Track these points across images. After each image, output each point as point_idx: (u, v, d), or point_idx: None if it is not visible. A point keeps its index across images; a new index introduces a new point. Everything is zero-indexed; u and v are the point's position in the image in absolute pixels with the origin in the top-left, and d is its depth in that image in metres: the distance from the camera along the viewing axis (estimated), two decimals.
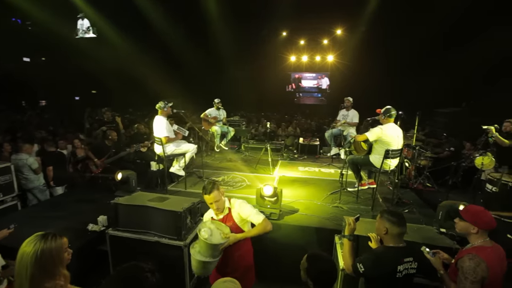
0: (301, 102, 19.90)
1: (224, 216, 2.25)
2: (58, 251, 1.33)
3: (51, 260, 1.30)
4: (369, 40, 13.36)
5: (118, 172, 3.75)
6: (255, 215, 2.23)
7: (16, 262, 1.30)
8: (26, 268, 1.26)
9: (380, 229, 1.95)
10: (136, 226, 2.94)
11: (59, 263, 1.33)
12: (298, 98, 19.91)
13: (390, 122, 3.42)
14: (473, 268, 1.64)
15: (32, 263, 1.26)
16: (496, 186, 3.35)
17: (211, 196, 2.14)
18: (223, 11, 10.91)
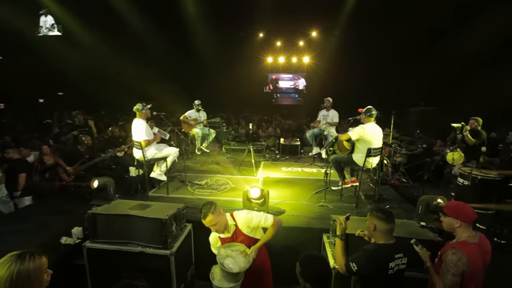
0: (279, 102, 20.15)
1: (233, 233, 2.20)
2: (37, 272, 1.17)
3: (29, 283, 1.14)
4: (343, 41, 13.84)
5: (94, 180, 3.51)
6: (264, 220, 2.21)
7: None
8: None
9: (369, 226, 2.00)
10: (117, 237, 2.77)
11: (38, 287, 1.18)
12: (276, 98, 20.13)
13: (371, 121, 3.54)
14: (454, 262, 1.73)
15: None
16: (467, 180, 3.60)
17: (206, 221, 2.09)
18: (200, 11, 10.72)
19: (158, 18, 10.16)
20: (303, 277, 1.71)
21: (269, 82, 19.70)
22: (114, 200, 3.57)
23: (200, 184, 4.49)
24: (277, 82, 19.91)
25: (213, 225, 2.10)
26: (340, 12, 12.28)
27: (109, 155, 4.78)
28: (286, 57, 17.40)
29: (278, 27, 15.43)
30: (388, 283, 1.88)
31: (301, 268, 1.72)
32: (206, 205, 2.14)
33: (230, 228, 2.19)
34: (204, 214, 2.07)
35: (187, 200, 3.89)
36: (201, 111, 6.01)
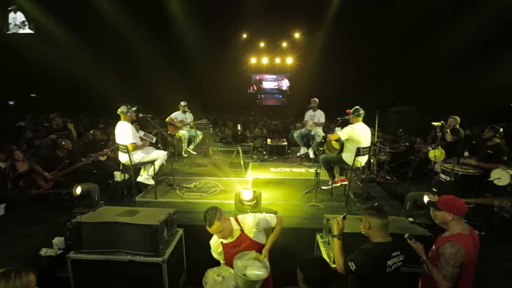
0: (263, 103, 20.23)
1: (237, 238, 2.14)
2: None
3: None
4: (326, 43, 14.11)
5: (77, 186, 3.32)
6: (270, 220, 2.22)
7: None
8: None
9: (365, 225, 2.02)
10: (104, 246, 2.63)
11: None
12: (260, 99, 20.19)
13: (359, 121, 3.61)
14: (454, 254, 1.78)
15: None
16: (449, 176, 3.77)
17: (213, 228, 2.01)
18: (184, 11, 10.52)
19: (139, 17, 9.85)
20: (307, 282, 1.68)
21: (253, 83, 19.75)
22: (99, 207, 3.39)
23: (189, 187, 4.38)
24: (261, 82, 19.99)
25: (219, 232, 2.03)
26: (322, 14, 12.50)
27: (91, 160, 4.56)
28: (269, 58, 17.51)
29: (261, 28, 15.52)
30: (386, 281, 1.91)
31: (304, 274, 1.68)
32: (210, 211, 2.05)
33: (234, 233, 2.14)
34: (210, 222, 1.99)
35: (176, 204, 3.78)
36: (187, 113, 5.88)
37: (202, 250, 3.18)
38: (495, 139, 3.70)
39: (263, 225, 2.19)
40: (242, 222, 2.20)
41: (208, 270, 2.16)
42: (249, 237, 2.15)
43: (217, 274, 2.11)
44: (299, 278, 1.70)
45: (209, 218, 2.00)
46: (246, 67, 18.11)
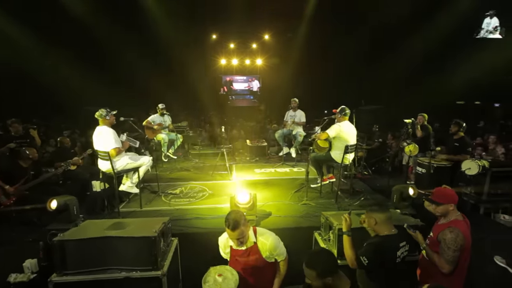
0: (235, 104, 20.14)
1: (248, 248, 2.06)
2: None
3: None
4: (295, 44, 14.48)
5: (52, 199, 2.96)
6: (281, 253, 2.17)
7: None
8: None
9: (371, 222, 2.09)
10: (93, 265, 2.38)
11: None
12: (231, 100, 20.08)
13: (345, 120, 3.76)
14: (454, 239, 1.93)
15: None
16: (424, 168, 4.09)
17: (235, 233, 1.91)
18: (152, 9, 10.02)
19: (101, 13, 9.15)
20: (321, 276, 1.67)
21: (224, 84, 19.58)
22: (78, 221, 3.07)
23: (175, 194, 4.17)
24: (231, 84, 19.91)
25: (239, 238, 1.94)
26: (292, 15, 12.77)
27: (61, 170, 4.11)
28: (239, 59, 17.49)
29: (231, 29, 15.46)
30: (396, 271, 2.00)
31: (316, 270, 1.67)
32: (236, 214, 1.97)
33: (248, 243, 2.06)
34: (235, 225, 1.89)
35: (164, 212, 3.58)
36: (165, 115, 5.60)
37: (197, 258, 3.06)
38: (459, 133, 4.11)
39: (277, 254, 2.15)
40: (261, 235, 2.13)
41: (211, 268, 2.08)
42: (260, 253, 2.10)
43: (218, 274, 2.02)
44: (310, 276, 1.68)
45: (234, 222, 1.90)
46: (216, 68, 17.92)
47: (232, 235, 1.94)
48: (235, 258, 2.19)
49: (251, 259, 2.10)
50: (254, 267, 2.14)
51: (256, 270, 2.16)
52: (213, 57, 17.11)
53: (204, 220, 3.37)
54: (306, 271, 1.67)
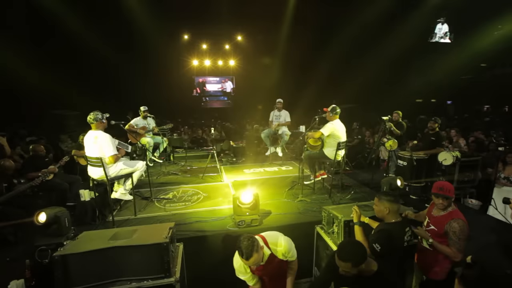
0: (209, 106, 19.88)
1: (266, 261, 2.05)
2: None
3: None
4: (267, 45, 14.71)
5: (40, 213, 2.70)
6: (294, 254, 2.19)
7: None
8: None
9: (382, 210, 2.24)
10: (100, 278, 2.24)
11: None
12: (205, 102, 19.78)
13: (336, 118, 3.95)
14: (462, 230, 2.10)
15: None
16: (405, 161, 4.46)
17: (250, 261, 1.86)
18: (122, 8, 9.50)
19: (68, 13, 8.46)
20: (357, 264, 1.72)
21: (196, 86, 19.22)
22: (69, 234, 2.84)
23: (168, 198, 4.03)
24: (204, 85, 19.62)
25: (256, 263, 1.90)
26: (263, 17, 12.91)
27: (39, 181, 3.75)
28: (212, 60, 17.31)
29: (203, 30, 15.25)
30: (404, 255, 2.18)
31: (353, 261, 1.72)
32: (247, 242, 1.87)
33: (264, 257, 2.03)
34: (248, 255, 1.82)
35: (161, 218, 3.45)
36: (148, 118, 5.38)
37: (201, 263, 3.02)
38: (436, 128, 4.54)
39: (290, 256, 2.17)
40: (274, 244, 2.12)
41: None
42: (278, 257, 2.12)
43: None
44: (346, 267, 1.75)
45: (247, 251, 1.83)
46: (188, 70, 17.54)
47: (248, 263, 1.90)
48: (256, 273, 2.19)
49: (270, 267, 2.11)
50: (277, 273, 2.19)
51: (279, 274, 2.22)
52: (185, 58, 16.74)
53: (206, 223, 3.31)
54: (341, 263, 1.73)
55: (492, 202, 3.97)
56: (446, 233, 2.16)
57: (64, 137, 6.53)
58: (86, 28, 8.91)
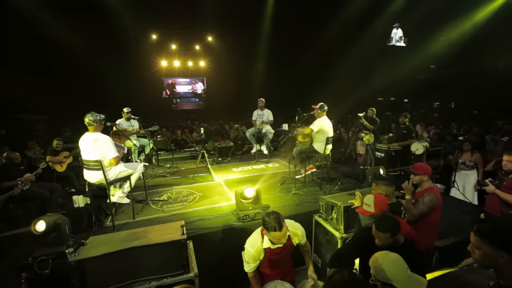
0: (179, 108, 19.44)
1: (285, 244, 2.12)
2: None
3: None
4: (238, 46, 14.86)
5: (37, 221, 2.54)
6: (304, 235, 2.31)
7: None
8: None
9: (379, 193, 2.55)
10: (118, 281, 2.21)
11: None
12: (176, 104, 19.29)
13: (324, 115, 4.25)
14: (430, 200, 2.53)
15: None
16: (382, 153, 4.93)
17: (283, 232, 1.94)
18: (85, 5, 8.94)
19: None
20: (394, 234, 1.86)
21: (166, 87, 18.68)
22: (69, 242, 2.70)
23: (164, 200, 3.98)
24: (174, 86, 19.14)
25: (283, 237, 1.98)
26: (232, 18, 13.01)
27: (19, 190, 3.47)
28: (182, 60, 16.95)
29: (171, 30, 14.88)
30: None
31: (390, 231, 1.85)
32: (276, 215, 1.97)
33: (286, 237, 2.08)
34: (280, 225, 1.92)
35: (162, 219, 3.42)
36: (132, 120, 5.20)
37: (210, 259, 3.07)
38: (406, 122, 5.11)
39: (302, 237, 2.30)
40: (293, 228, 2.23)
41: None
42: (292, 242, 2.22)
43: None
44: (384, 238, 1.89)
45: (279, 221, 1.93)
46: (157, 70, 16.97)
47: (281, 234, 1.95)
48: (272, 257, 2.19)
49: (285, 252, 2.20)
50: (286, 257, 2.28)
51: (287, 258, 2.32)
52: (154, 59, 16.18)
53: (209, 220, 3.36)
54: (380, 234, 1.86)
55: (455, 184, 4.59)
56: (417, 201, 2.59)
57: (31, 144, 5.99)
58: (49, 24, 8.23)
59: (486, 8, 10.11)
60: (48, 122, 6.99)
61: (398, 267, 1.33)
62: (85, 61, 10.39)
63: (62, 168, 5.08)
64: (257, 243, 2.15)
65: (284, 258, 2.30)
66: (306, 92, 13.72)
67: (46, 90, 8.12)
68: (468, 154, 4.60)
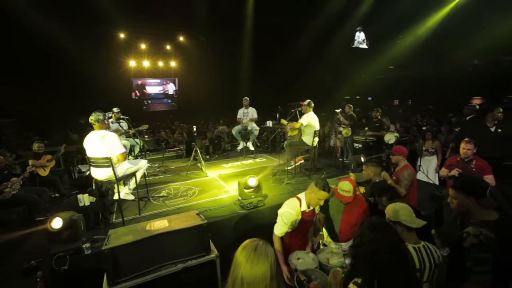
0: (151, 109, 18.85)
1: (312, 209, 2.51)
2: None
3: None
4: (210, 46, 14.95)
5: (53, 218, 2.56)
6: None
7: None
8: None
9: (369, 173, 3.02)
10: (146, 266, 2.35)
11: None
12: (147, 105, 18.68)
13: (311, 110, 4.67)
14: (409, 174, 3.06)
15: None
16: (360, 144, 5.52)
17: (326, 193, 2.31)
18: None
19: None
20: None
21: (135, 88, 18.00)
22: (83, 238, 2.75)
23: (164, 196, 4.08)
24: (144, 87, 18.53)
25: (324, 199, 2.37)
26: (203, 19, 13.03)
27: (10, 195, 3.35)
28: (152, 61, 16.53)
29: (140, 29, 14.46)
30: None
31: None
32: (324, 180, 2.38)
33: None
34: (328, 187, 2.32)
35: (168, 213, 3.54)
36: (121, 119, 5.14)
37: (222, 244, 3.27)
38: (378, 116, 5.76)
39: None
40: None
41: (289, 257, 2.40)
42: (315, 211, 2.60)
43: (297, 258, 2.38)
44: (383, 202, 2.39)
45: (328, 184, 2.34)
46: (125, 71, 16.33)
47: (325, 195, 2.32)
48: (305, 219, 2.52)
49: (313, 215, 2.59)
50: (310, 224, 2.64)
51: (310, 225, 2.67)
52: (122, 59, 15.54)
53: (215, 210, 3.57)
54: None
55: (420, 168, 5.32)
56: (399, 179, 3.09)
57: (1, 151, 5.58)
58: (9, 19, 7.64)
59: (436, 15, 11.52)
60: (18, 125, 6.52)
61: (407, 211, 1.74)
62: (52, 61, 9.76)
63: (45, 172, 4.88)
64: (296, 205, 2.48)
65: (309, 224, 2.63)
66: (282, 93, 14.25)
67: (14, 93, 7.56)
68: (430, 142, 5.35)
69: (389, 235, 1.26)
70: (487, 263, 1.38)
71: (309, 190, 2.42)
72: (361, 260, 1.29)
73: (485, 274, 1.37)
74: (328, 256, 2.35)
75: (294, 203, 2.49)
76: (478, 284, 1.37)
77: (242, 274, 1.21)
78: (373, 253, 1.21)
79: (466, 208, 1.67)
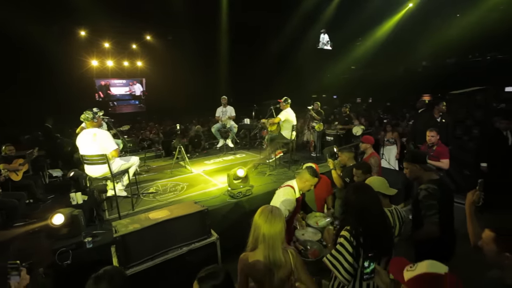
0: (118, 111, 18.01)
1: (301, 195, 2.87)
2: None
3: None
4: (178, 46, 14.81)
5: (54, 214, 2.61)
6: None
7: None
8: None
9: (344, 159, 3.50)
10: (153, 251, 2.54)
11: None
12: (113, 107, 17.82)
13: (288, 107, 5.09)
14: (375, 161, 3.59)
15: None
16: (331, 136, 6.11)
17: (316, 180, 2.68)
18: None
19: None
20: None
21: (98, 89, 17.08)
22: (84, 233, 2.82)
23: (154, 192, 4.19)
24: (108, 88, 17.66)
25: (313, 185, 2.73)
26: (170, 18, 12.86)
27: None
28: (116, 60, 15.85)
29: (104, 27, 13.81)
30: None
31: (362, 169, 2.89)
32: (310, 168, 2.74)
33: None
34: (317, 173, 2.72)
35: (161, 207, 3.68)
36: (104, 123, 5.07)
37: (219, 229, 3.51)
38: (347, 111, 6.40)
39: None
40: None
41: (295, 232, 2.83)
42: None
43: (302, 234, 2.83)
44: (358, 174, 2.87)
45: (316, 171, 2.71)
46: (87, 71, 15.43)
47: (315, 181, 2.71)
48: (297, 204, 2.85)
49: (301, 198, 2.98)
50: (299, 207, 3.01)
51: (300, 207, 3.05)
52: (83, 58, 14.66)
53: (206, 201, 3.78)
54: (357, 172, 2.83)
55: (384, 157, 6.05)
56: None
57: None
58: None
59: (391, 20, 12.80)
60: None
61: (382, 181, 2.18)
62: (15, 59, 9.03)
63: (18, 177, 4.65)
64: (292, 193, 2.78)
65: (299, 208, 3.00)
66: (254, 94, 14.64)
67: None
68: (390, 133, 6.11)
69: (369, 192, 1.67)
70: (435, 207, 1.91)
71: (302, 179, 2.75)
72: (349, 214, 1.68)
73: (434, 215, 1.89)
74: (316, 220, 2.82)
75: (289, 191, 2.77)
76: (431, 224, 1.88)
77: (264, 232, 1.53)
78: (358, 205, 1.61)
79: (416, 174, 2.18)
